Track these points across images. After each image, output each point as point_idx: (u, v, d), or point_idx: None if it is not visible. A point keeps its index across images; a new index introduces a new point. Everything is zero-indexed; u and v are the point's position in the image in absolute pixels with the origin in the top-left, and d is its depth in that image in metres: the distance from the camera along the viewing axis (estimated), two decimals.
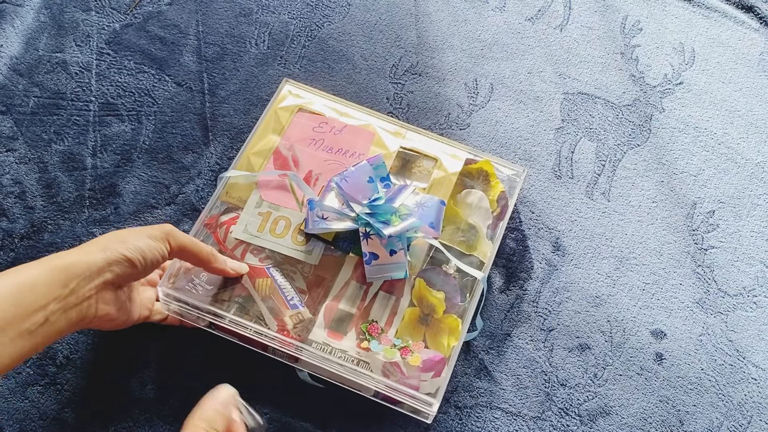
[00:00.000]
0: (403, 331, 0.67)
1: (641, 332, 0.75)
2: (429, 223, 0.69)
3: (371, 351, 0.65)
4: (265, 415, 0.68)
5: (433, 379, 0.65)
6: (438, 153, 0.77)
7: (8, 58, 0.87)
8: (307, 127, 0.78)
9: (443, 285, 0.70)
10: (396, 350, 0.66)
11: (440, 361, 0.66)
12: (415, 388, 0.64)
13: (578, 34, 0.95)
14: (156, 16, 0.92)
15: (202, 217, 0.72)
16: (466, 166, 0.77)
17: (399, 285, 0.70)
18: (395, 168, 0.76)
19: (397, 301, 0.69)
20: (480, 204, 0.74)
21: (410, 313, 0.68)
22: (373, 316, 0.68)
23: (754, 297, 0.78)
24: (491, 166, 0.76)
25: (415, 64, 0.91)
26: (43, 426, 0.67)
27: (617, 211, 0.83)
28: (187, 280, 0.68)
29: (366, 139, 0.77)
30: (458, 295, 0.69)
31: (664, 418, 0.71)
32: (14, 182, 0.79)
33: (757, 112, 0.90)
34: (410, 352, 0.66)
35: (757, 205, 0.84)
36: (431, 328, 0.68)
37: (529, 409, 0.71)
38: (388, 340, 0.66)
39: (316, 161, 0.75)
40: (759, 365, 0.74)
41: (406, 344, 0.66)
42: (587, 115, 0.89)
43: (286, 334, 0.66)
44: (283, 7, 0.94)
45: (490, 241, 0.73)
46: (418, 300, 0.69)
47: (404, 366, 0.65)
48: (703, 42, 0.95)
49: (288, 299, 0.68)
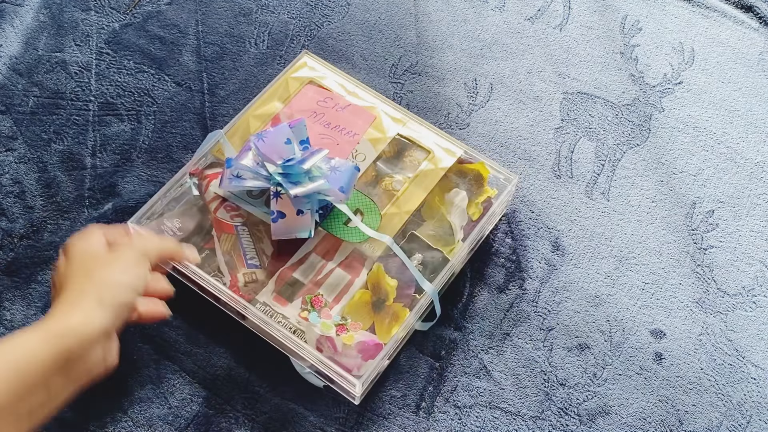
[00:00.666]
0: (350, 311, 0.68)
1: (641, 332, 0.75)
2: (339, 187, 0.68)
3: (309, 322, 0.66)
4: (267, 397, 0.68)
5: (366, 362, 0.65)
6: (432, 145, 0.77)
7: (8, 58, 0.87)
8: (312, 100, 0.79)
9: (399, 274, 0.70)
10: (333, 326, 0.66)
11: (376, 346, 0.65)
12: (348, 368, 0.64)
13: (578, 33, 0.95)
14: (155, 16, 0.92)
15: (188, 166, 0.74)
16: (462, 165, 0.77)
17: (358, 266, 0.70)
18: (389, 154, 0.77)
19: (352, 281, 0.69)
20: (460, 204, 0.74)
21: (361, 294, 0.69)
22: (323, 290, 0.69)
23: (753, 296, 0.78)
24: (486, 170, 0.76)
25: (415, 64, 0.91)
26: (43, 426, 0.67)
27: (617, 211, 0.83)
28: (157, 224, 0.70)
29: (366, 120, 0.78)
30: (413, 287, 0.69)
31: (664, 418, 0.71)
32: (14, 182, 0.79)
33: (757, 112, 0.90)
34: (346, 330, 0.66)
35: (757, 204, 0.84)
36: (381, 315, 0.68)
37: (529, 408, 0.71)
38: (329, 315, 0.67)
39: (311, 134, 0.75)
40: (758, 365, 0.74)
41: (344, 322, 0.67)
42: (587, 114, 0.89)
43: (236, 290, 0.67)
44: (283, 7, 0.94)
45: (461, 242, 0.72)
46: (372, 284, 0.69)
47: (338, 342, 0.65)
48: (702, 42, 0.95)
49: (247, 258, 0.69)
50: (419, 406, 0.70)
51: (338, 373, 0.63)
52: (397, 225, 0.72)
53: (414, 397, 0.70)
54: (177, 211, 0.72)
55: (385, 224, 0.72)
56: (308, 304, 0.68)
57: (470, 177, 0.76)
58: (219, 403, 0.69)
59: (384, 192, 0.74)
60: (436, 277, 0.70)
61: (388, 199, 0.74)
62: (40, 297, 0.73)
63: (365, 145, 0.76)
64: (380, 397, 0.70)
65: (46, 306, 0.72)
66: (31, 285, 0.74)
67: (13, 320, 0.72)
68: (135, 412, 0.68)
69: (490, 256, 0.78)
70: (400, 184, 0.75)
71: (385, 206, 0.73)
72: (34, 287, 0.74)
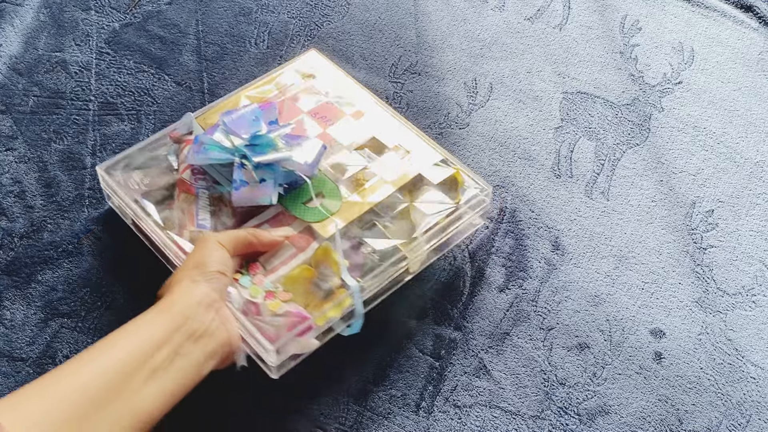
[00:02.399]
0: (287, 284, 0.66)
1: (640, 331, 0.76)
2: (304, 161, 0.69)
3: (239, 284, 0.65)
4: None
5: (290, 333, 0.62)
6: (413, 147, 0.76)
7: (8, 58, 0.87)
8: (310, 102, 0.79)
9: (349, 256, 0.68)
10: (262, 291, 0.65)
11: (303, 319, 0.63)
12: (268, 336, 0.61)
13: (577, 33, 0.95)
14: (156, 16, 0.92)
15: (169, 129, 0.75)
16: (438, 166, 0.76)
17: (306, 242, 0.69)
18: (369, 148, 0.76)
19: (296, 254, 0.68)
20: (431, 200, 0.73)
21: (302, 270, 0.67)
22: (265, 258, 0.67)
23: (753, 296, 0.78)
24: (461, 178, 0.74)
25: (415, 64, 0.91)
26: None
27: (616, 211, 0.83)
28: (125, 177, 0.72)
29: None
30: (356, 272, 0.67)
31: (663, 417, 0.71)
32: (14, 181, 0.79)
33: (756, 112, 0.90)
34: (274, 298, 0.64)
35: (756, 204, 0.84)
36: (319, 296, 0.66)
37: (528, 408, 0.71)
38: (261, 281, 0.65)
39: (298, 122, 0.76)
40: (758, 364, 0.74)
41: (275, 290, 0.65)
42: (586, 114, 0.89)
43: (179, 246, 0.67)
44: (283, 7, 0.94)
45: (421, 239, 0.71)
46: (316, 262, 0.67)
47: (263, 308, 0.63)
48: (702, 41, 0.95)
49: (198, 217, 0.69)
50: (419, 406, 0.70)
51: (255, 338, 0.61)
52: (356, 213, 0.71)
53: (414, 396, 0.70)
54: (150, 170, 0.73)
55: (344, 210, 0.71)
56: (244, 267, 0.66)
57: (443, 179, 0.75)
58: (217, 403, 0.69)
59: (352, 181, 0.74)
60: (378, 269, 0.68)
61: (355, 188, 0.73)
62: (40, 296, 0.73)
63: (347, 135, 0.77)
64: (380, 396, 0.70)
65: (46, 305, 0.72)
66: (31, 285, 0.74)
67: (14, 320, 0.72)
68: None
69: (490, 255, 0.79)
70: (370, 176, 0.74)
71: (350, 195, 0.73)
72: (34, 287, 0.74)
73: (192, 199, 0.70)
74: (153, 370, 0.49)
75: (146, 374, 0.49)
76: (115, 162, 0.73)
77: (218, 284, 0.58)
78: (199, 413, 0.68)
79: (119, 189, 0.71)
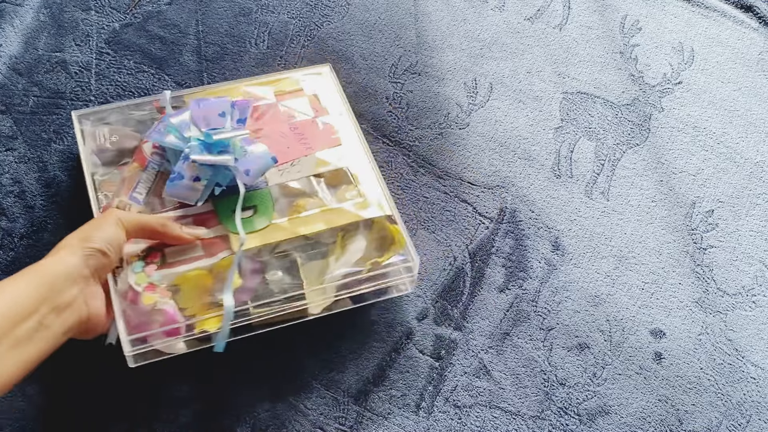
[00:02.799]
0: (180, 283, 0.65)
1: (640, 331, 0.76)
2: (246, 169, 0.67)
3: (130, 267, 0.64)
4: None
5: (152, 330, 0.62)
6: (370, 194, 0.72)
7: (8, 58, 0.87)
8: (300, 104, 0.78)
9: (246, 277, 0.66)
10: (145, 282, 0.64)
11: (172, 321, 0.62)
12: (131, 324, 0.61)
13: (577, 33, 0.95)
14: (156, 16, 0.92)
15: (153, 97, 0.76)
16: (383, 222, 0.71)
17: (217, 249, 0.67)
18: (328, 180, 0.73)
19: (202, 257, 0.66)
20: (352, 252, 0.69)
21: (199, 275, 0.65)
22: (171, 251, 0.66)
23: (753, 296, 0.78)
24: (400, 238, 0.70)
25: (415, 64, 0.91)
26: (43, 425, 0.67)
27: (616, 211, 0.83)
28: (94, 128, 0.73)
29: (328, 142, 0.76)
30: (245, 294, 0.65)
31: (663, 418, 0.71)
32: (14, 181, 0.79)
33: (756, 112, 0.90)
34: (154, 291, 0.63)
35: (756, 204, 0.84)
36: (207, 305, 0.64)
37: (528, 408, 0.71)
38: (151, 272, 0.65)
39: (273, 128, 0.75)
40: (758, 364, 0.74)
41: (158, 286, 0.64)
42: (586, 114, 0.89)
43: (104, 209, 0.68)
44: (283, 7, 0.94)
45: (328, 286, 0.67)
46: (217, 272, 0.66)
47: (139, 298, 0.63)
48: (702, 41, 0.95)
49: (134, 191, 0.69)
50: (419, 406, 0.70)
51: (118, 323, 0.61)
52: (276, 238, 0.68)
53: (414, 396, 0.70)
54: (121, 130, 0.73)
55: (267, 231, 0.68)
56: (144, 253, 0.65)
57: (380, 234, 0.71)
58: (219, 401, 0.69)
59: (291, 205, 0.71)
60: (269, 300, 0.65)
61: (290, 213, 0.70)
62: None
63: (310, 160, 0.74)
64: (380, 396, 0.70)
65: None
66: None
67: None
68: (135, 412, 0.68)
69: (490, 256, 0.79)
70: (311, 207, 0.71)
71: (281, 218, 0.70)
72: None
73: (139, 171, 0.70)
74: (17, 339, 0.50)
75: (10, 343, 0.50)
76: (92, 112, 0.74)
77: (95, 262, 0.58)
78: (199, 413, 0.68)
79: (82, 138, 0.72)
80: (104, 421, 0.67)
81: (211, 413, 0.68)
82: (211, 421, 0.68)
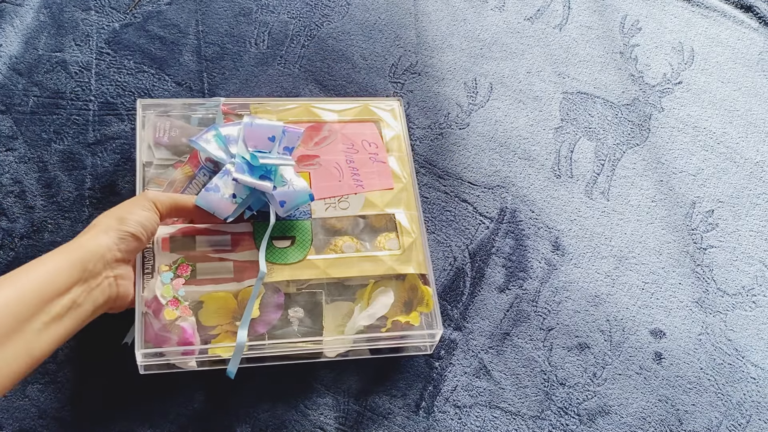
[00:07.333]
0: (205, 301, 0.65)
1: (640, 331, 0.76)
2: (281, 201, 0.67)
3: (160, 277, 0.65)
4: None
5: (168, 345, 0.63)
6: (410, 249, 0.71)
7: (8, 58, 0.87)
8: (362, 136, 0.77)
9: (267, 309, 0.66)
10: (172, 294, 0.64)
11: (188, 342, 0.63)
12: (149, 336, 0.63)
13: (577, 33, 0.95)
14: (156, 16, 0.92)
15: (222, 99, 0.76)
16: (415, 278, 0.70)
17: (248, 274, 0.67)
18: (373, 223, 0.72)
19: (229, 279, 0.66)
20: (380, 304, 0.67)
21: (226, 297, 0.65)
22: (201, 267, 0.66)
23: (753, 296, 0.78)
24: (430, 299, 0.69)
25: (415, 64, 0.91)
26: (43, 424, 0.67)
27: (616, 211, 0.83)
28: (158, 118, 0.74)
29: (384, 184, 0.74)
30: (262, 327, 0.66)
31: (663, 417, 0.71)
32: (14, 182, 0.79)
33: (756, 112, 0.90)
34: (176, 307, 0.64)
35: (756, 204, 0.84)
36: (228, 328, 0.65)
37: (529, 408, 0.71)
38: (179, 285, 0.65)
39: (331, 157, 0.75)
40: (758, 364, 0.74)
41: (183, 302, 0.64)
42: (586, 114, 0.89)
43: None
44: (283, 7, 0.94)
45: (347, 337, 0.66)
46: (241, 297, 0.66)
47: (162, 311, 0.63)
48: (702, 41, 0.95)
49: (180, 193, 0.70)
50: (419, 406, 0.70)
51: (138, 331, 0.62)
52: (307, 275, 0.67)
53: (414, 396, 0.70)
54: (186, 126, 0.74)
55: (299, 266, 0.68)
56: (175, 264, 0.66)
57: (411, 291, 0.70)
58: (219, 401, 0.69)
59: (330, 244, 0.70)
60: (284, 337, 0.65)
61: (327, 251, 0.70)
62: None
63: (359, 199, 0.73)
64: (380, 396, 0.70)
65: None
66: None
67: None
68: (135, 412, 0.68)
69: (490, 256, 0.79)
70: (348, 250, 0.70)
71: (317, 255, 0.69)
72: None
73: (189, 176, 0.70)
74: (52, 316, 0.52)
75: (46, 319, 0.51)
76: (157, 104, 0.75)
77: (126, 246, 0.60)
78: (199, 413, 0.68)
79: (143, 125, 0.73)
80: (104, 421, 0.67)
81: (211, 413, 0.68)
82: (211, 421, 0.68)
